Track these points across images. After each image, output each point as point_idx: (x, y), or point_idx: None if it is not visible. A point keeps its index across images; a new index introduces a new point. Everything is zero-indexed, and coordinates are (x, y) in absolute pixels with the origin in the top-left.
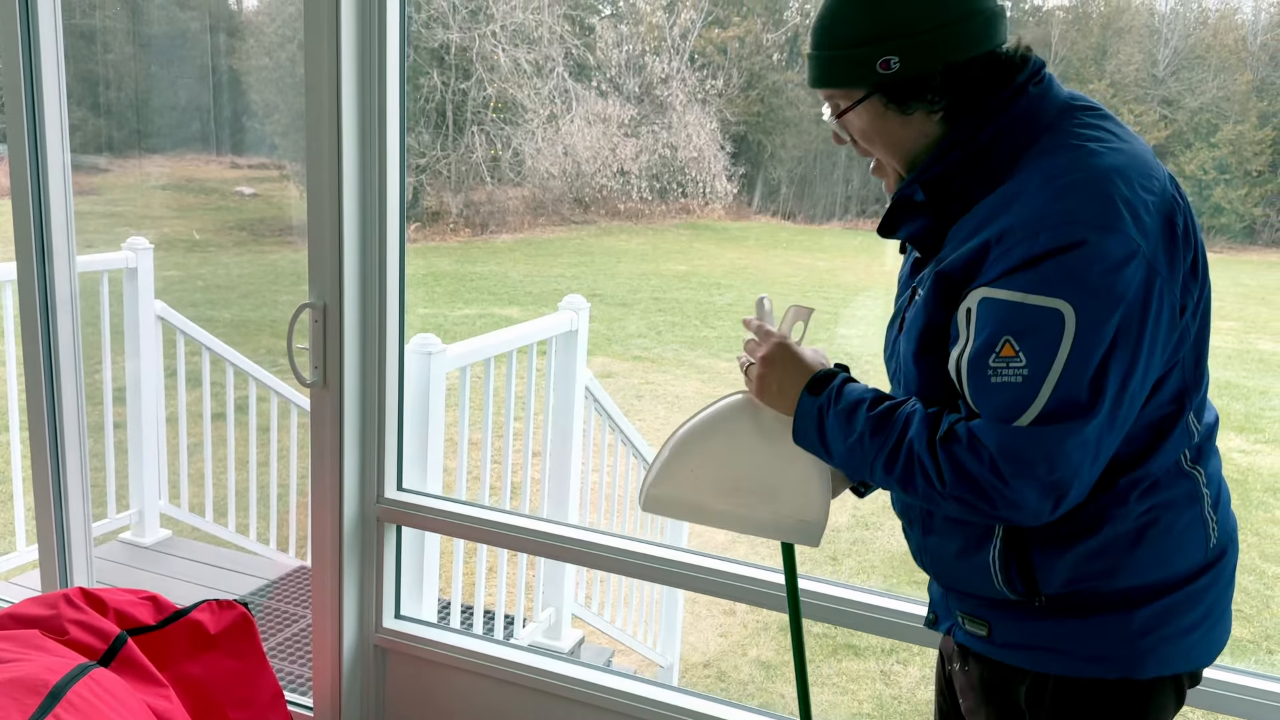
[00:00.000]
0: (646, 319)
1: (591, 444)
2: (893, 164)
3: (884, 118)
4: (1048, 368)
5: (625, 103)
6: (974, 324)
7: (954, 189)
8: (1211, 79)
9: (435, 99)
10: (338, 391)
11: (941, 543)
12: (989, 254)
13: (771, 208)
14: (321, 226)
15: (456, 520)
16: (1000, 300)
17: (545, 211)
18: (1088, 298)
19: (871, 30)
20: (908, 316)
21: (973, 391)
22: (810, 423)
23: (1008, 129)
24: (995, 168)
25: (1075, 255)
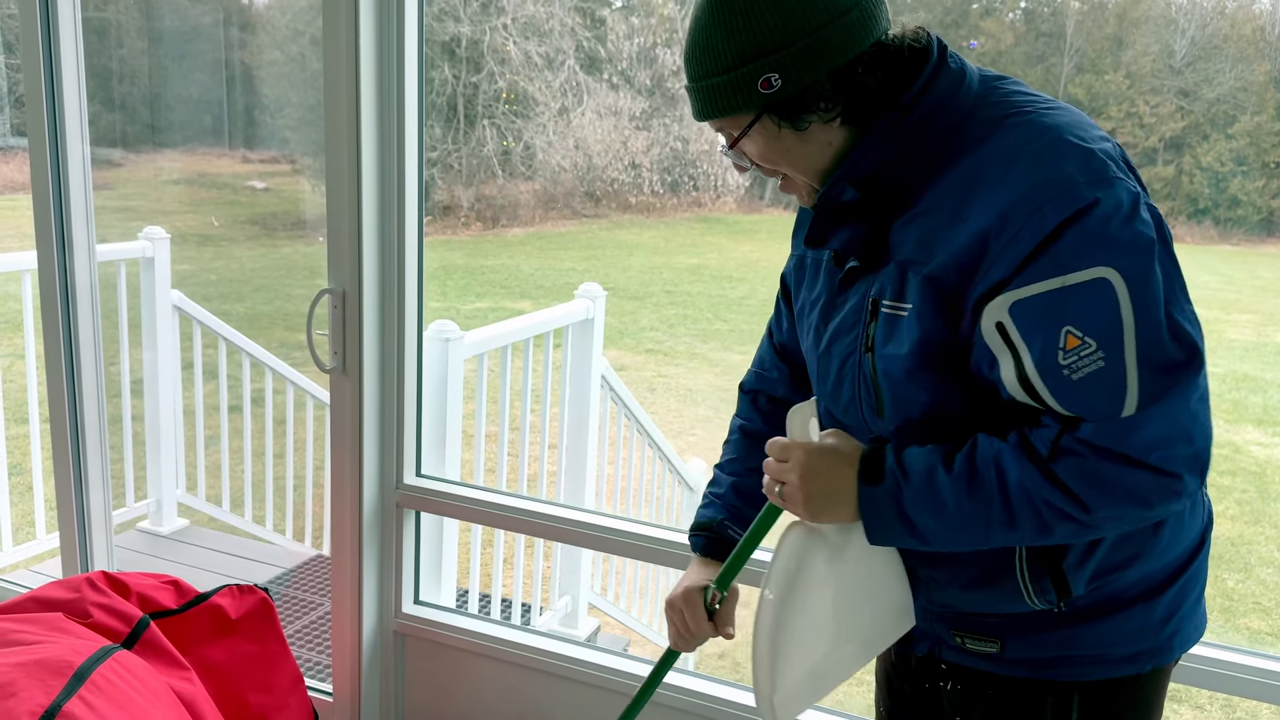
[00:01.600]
0: (659, 312)
1: (608, 435)
2: (802, 180)
3: (779, 138)
4: (1120, 339)
5: (637, 95)
6: (1017, 334)
7: (886, 185)
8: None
9: (446, 92)
10: (357, 377)
11: (951, 571)
12: (988, 249)
13: (783, 201)
14: (340, 212)
15: (475, 506)
16: (1035, 296)
17: (556, 205)
18: (1122, 254)
19: (743, 51)
20: (878, 333)
21: (1061, 400)
22: (888, 515)
23: (934, 113)
24: (929, 155)
25: (1091, 218)
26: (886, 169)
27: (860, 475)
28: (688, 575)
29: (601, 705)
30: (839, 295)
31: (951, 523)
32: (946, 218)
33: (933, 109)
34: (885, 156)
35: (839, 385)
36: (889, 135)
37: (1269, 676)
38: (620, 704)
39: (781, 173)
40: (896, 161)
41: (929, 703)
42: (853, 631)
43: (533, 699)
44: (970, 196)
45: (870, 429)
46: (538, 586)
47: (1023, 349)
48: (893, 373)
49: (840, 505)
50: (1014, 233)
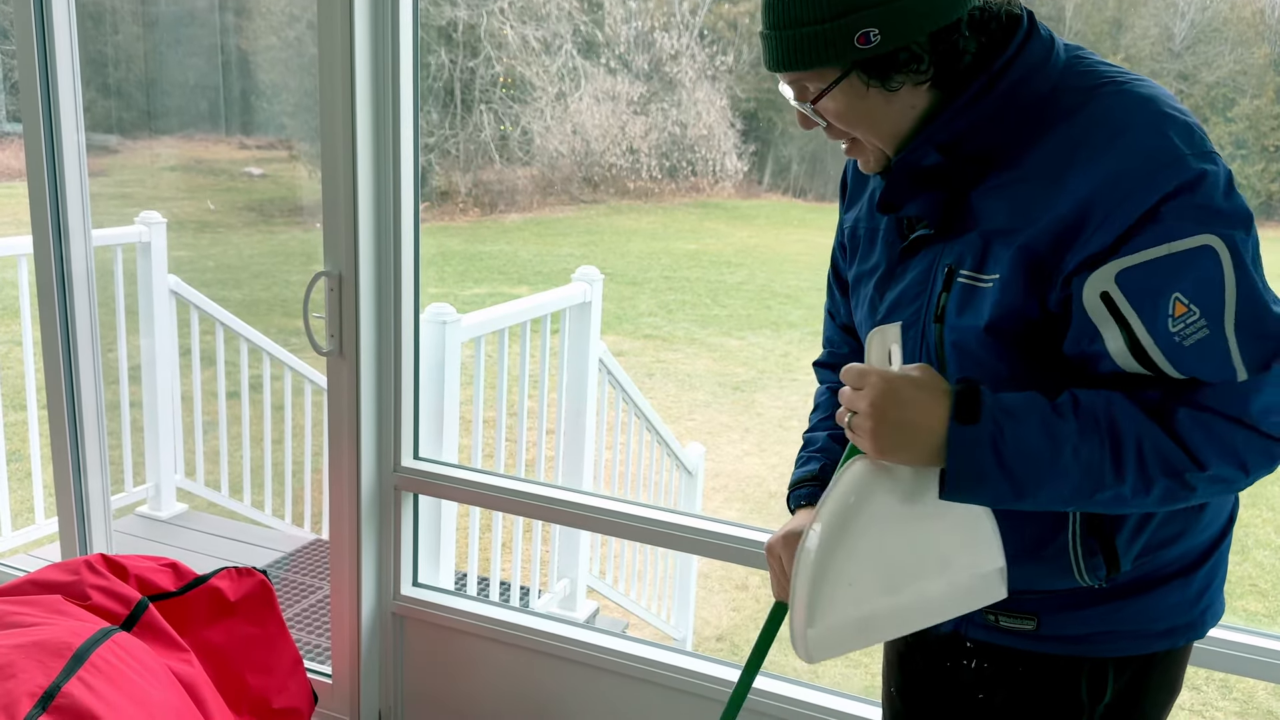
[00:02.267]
0: (657, 297)
1: (605, 419)
2: (876, 144)
3: (865, 97)
4: (1222, 308)
5: (634, 80)
6: (1126, 303)
7: (969, 151)
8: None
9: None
10: (354, 360)
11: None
12: (1091, 216)
13: (782, 185)
14: (336, 195)
15: (473, 488)
16: (1145, 263)
17: (554, 190)
18: (1225, 224)
19: (844, 1)
20: (950, 303)
21: (1178, 365)
22: (983, 461)
23: (1024, 80)
24: (1018, 123)
25: (1200, 188)
26: (972, 135)
27: (955, 412)
28: (789, 523)
29: (601, 685)
30: (899, 265)
31: (1056, 474)
32: (1043, 186)
33: (1023, 76)
34: (972, 122)
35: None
36: (978, 101)
37: (1267, 655)
38: (619, 684)
39: (852, 136)
40: (983, 127)
41: (947, 680)
42: (918, 591)
43: (532, 680)
44: (1070, 164)
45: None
46: (536, 569)
47: (1133, 318)
48: (965, 344)
49: (916, 444)
50: (1119, 200)
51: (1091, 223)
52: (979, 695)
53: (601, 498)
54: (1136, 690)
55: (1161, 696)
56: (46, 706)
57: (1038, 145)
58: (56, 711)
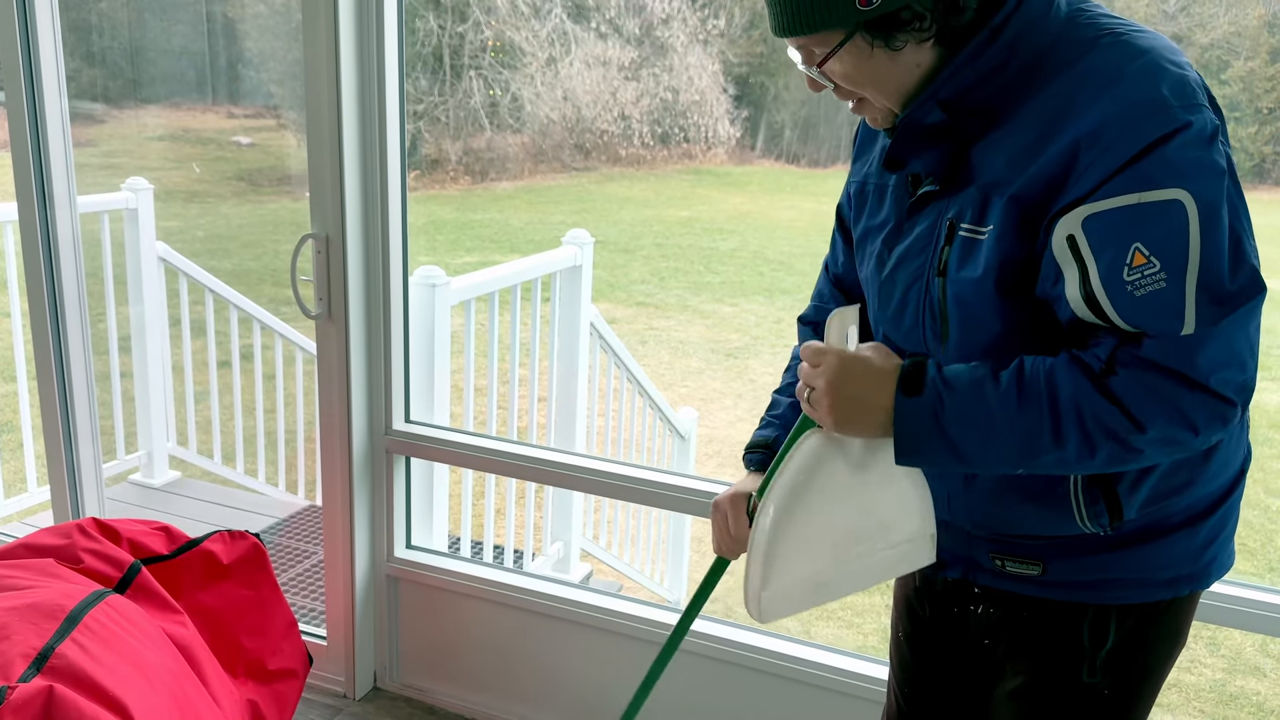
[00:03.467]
0: (649, 265)
1: (598, 384)
2: (884, 103)
3: (870, 58)
4: (1184, 264)
5: (625, 45)
6: (1087, 247)
7: (970, 107)
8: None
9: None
10: (343, 323)
11: (999, 487)
12: (1076, 164)
13: (775, 152)
14: (322, 157)
15: (465, 451)
16: (1111, 210)
17: (546, 158)
18: (1197, 178)
19: None
20: (952, 257)
21: (1123, 314)
22: (924, 430)
23: (1024, 34)
24: (1018, 77)
25: (1178, 140)
26: (973, 90)
27: (900, 386)
28: (738, 484)
29: (594, 644)
30: (907, 220)
31: (994, 440)
32: (1035, 136)
33: (1023, 30)
34: (974, 78)
35: (901, 310)
36: (978, 56)
37: (1255, 607)
38: (614, 642)
39: (859, 96)
40: (984, 83)
41: (954, 627)
42: (860, 555)
43: (526, 639)
44: (1064, 114)
45: (931, 356)
46: (530, 533)
47: (1090, 261)
48: (965, 297)
49: (868, 417)
50: (1104, 146)
51: (1079, 167)
52: (985, 641)
53: (593, 459)
54: (1139, 638)
55: (1164, 646)
56: (41, 667)
57: (1034, 97)
58: (50, 672)
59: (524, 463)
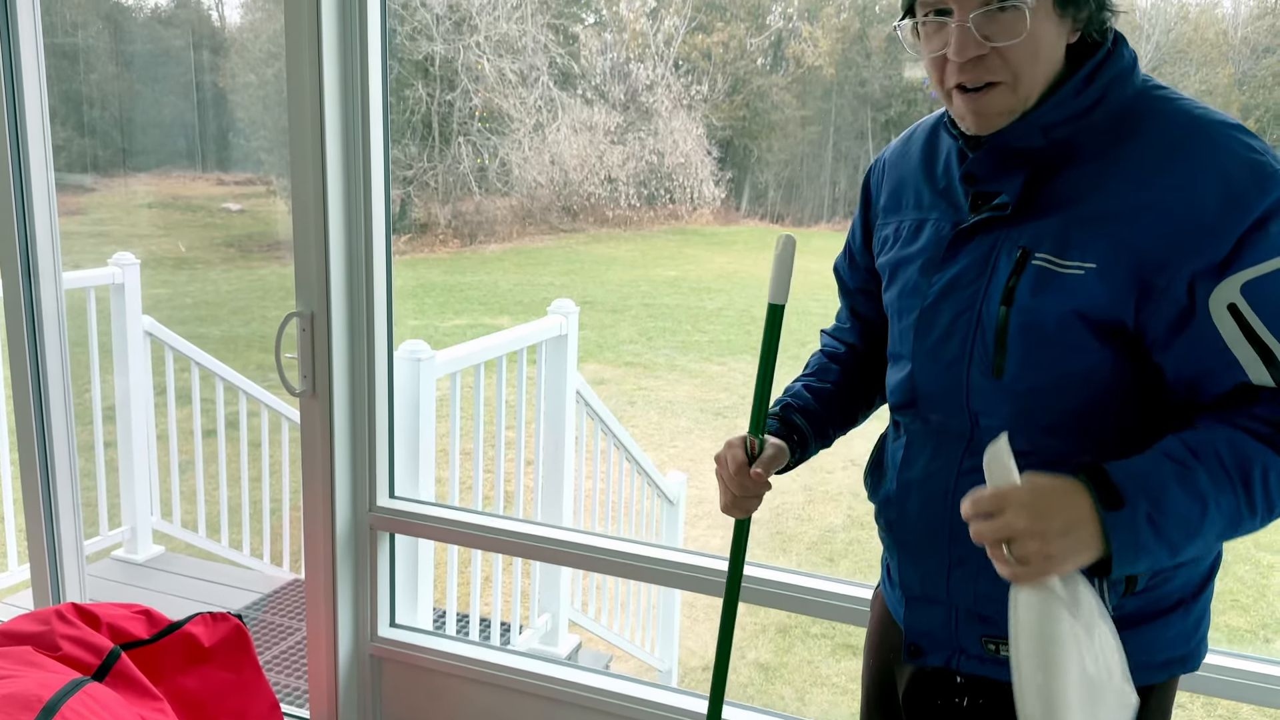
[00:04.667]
0: (637, 325)
1: (584, 449)
2: (1019, 90)
3: (1046, 26)
4: None
5: (611, 110)
6: (1257, 317)
7: (1060, 138)
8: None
9: (421, 110)
10: (327, 400)
11: None
12: (1200, 221)
13: (760, 211)
14: (307, 234)
15: (449, 526)
16: (1266, 276)
17: (534, 220)
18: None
19: None
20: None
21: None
22: (1145, 541)
23: (1116, 81)
24: (1107, 119)
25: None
26: (1068, 123)
27: (1098, 501)
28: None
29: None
30: (953, 246)
31: (1206, 530)
32: (1140, 182)
33: (1117, 75)
34: (1074, 111)
35: (946, 340)
36: (1080, 92)
37: (1249, 678)
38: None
39: (996, 80)
40: (1079, 117)
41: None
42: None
43: (513, 719)
44: (1169, 165)
45: (967, 390)
46: (517, 605)
47: (1264, 332)
48: (1041, 327)
49: (1081, 544)
50: (1228, 206)
51: (1201, 226)
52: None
53: (580, 533)
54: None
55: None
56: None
57: (1128, 142)
58: None
59: (509, 538)
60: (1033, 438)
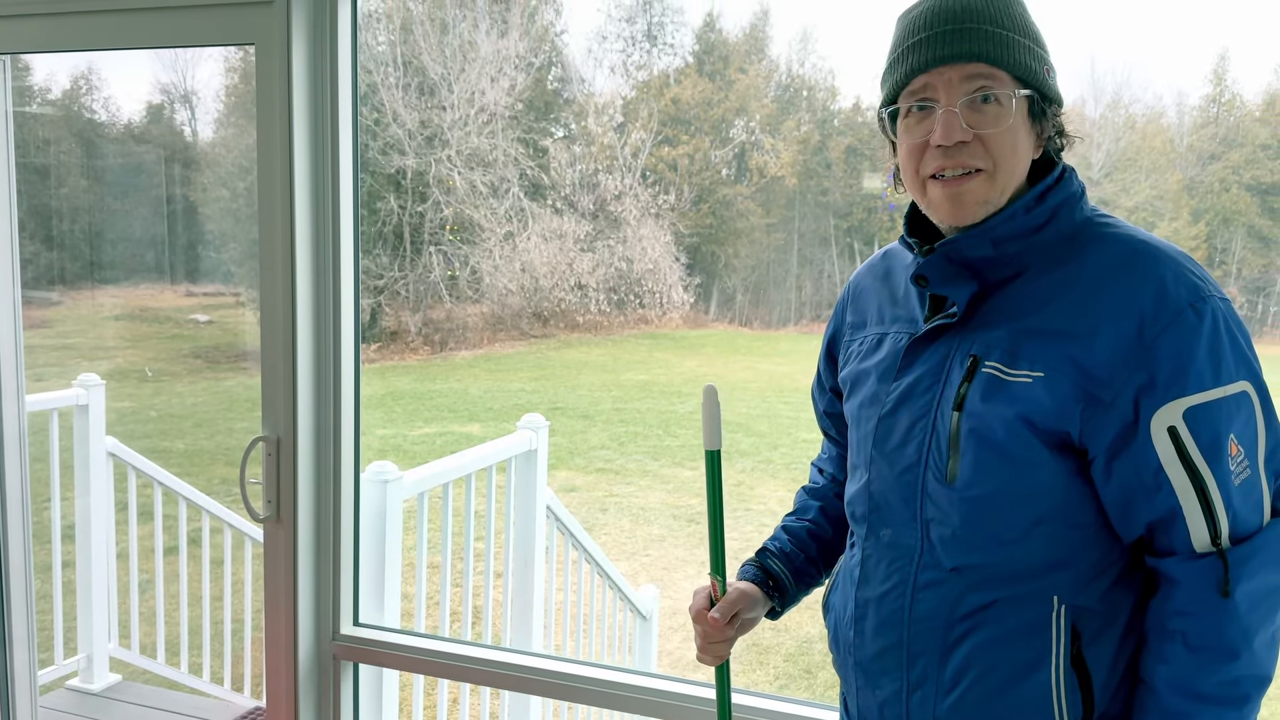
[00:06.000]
0: (608, 430)
1: (555, 563)
2: (1000, 182)
3: (1024, 127)
4: (1256, 447)
5: (580, 219)
6: (1195, 444)
7: (1010, 252)
8: (1144, 179)
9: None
10: (291, 526)
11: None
12: (1140, 339)
13: (728, 315)
14: (275, 359)
15: (415, 655)
16: (1205, 404)
17: (504, 327)
18: (1252, 368)
19: (1038, 36)
20: (972, 391)
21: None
22: None
23: (1065, 205)
24: (1055, 240)
25: (1235, 330)
26: (1018, 239)
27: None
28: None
29: None
30: (906, 357)
31: None
32: (1086, 299)
33: (1066, 199)
34: (1023, 228)
35: (903, 446)
36: (1031, 210)
37: None
38: None
39: (978, 167)
40: (1028, 234)
41: None
42: None
43: None
44: (1114, 282)
45: (922, 497)
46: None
47: (1199, 454)
48: (989, 432)
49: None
50: (1166, 326)
51: (1143, 344)
52: None
53: (550, 658)
54: None
55: None
56: None
57: (1074, 263)
58: None
59: (476, 665)
60: (986, 548)
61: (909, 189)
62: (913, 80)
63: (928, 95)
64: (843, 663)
